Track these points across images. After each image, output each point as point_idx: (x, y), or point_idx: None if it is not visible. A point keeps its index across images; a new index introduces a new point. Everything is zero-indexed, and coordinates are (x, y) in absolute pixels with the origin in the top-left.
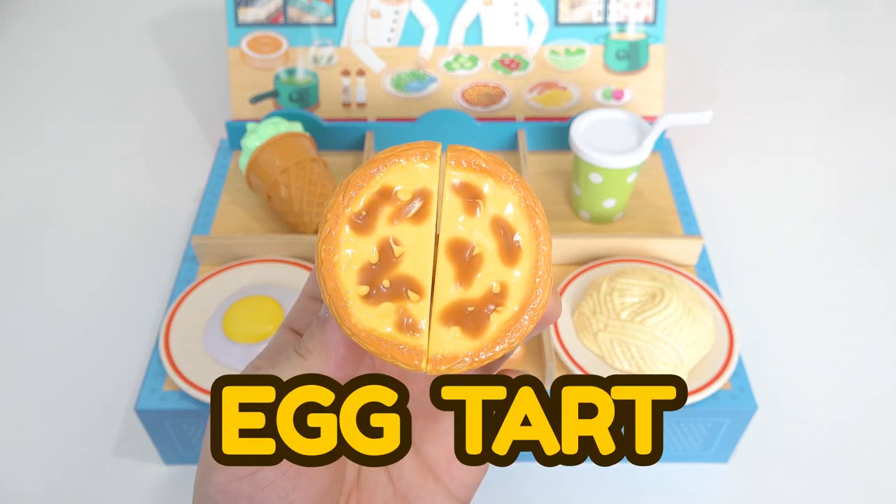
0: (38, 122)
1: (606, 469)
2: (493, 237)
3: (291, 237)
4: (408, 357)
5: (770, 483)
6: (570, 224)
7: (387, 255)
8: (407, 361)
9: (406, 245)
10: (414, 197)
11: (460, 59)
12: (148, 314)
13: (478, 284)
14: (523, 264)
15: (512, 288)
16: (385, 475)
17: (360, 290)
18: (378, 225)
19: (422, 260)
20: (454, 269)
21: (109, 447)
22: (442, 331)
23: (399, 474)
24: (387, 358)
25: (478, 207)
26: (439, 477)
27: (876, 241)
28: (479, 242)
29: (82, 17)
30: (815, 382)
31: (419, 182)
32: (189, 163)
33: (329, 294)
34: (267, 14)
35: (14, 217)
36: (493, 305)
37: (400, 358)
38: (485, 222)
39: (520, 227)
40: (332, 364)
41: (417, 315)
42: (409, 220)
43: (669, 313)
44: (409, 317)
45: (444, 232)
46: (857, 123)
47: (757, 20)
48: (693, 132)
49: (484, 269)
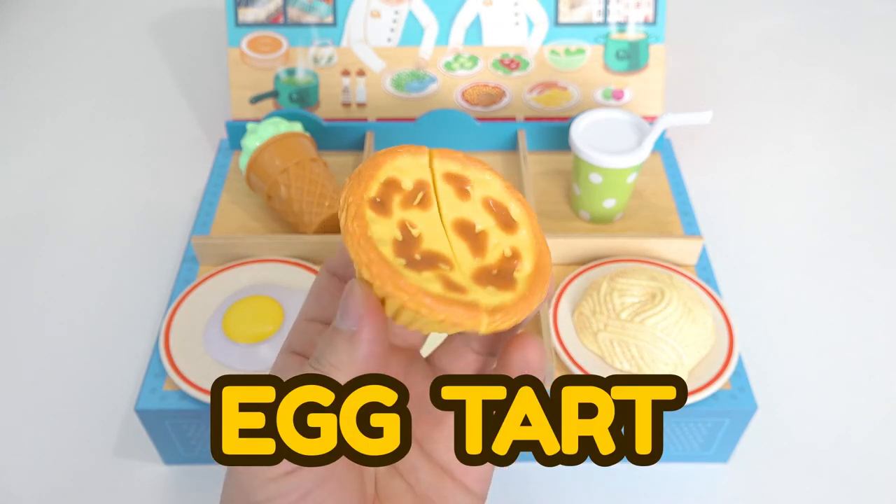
0: (38, 122)
1: (606, 469)
2: (488, 214)
3: (291, 237)
4: (469, 312)
5: (770, 483)
6: (570, 224)
7: (408, 234)
8: (468, 316)
9: (420, 227)
10: (416, 187)
11: (460, 59)
12: (148, 314)
13: (491, 253)
14: (522, 231)
15: (522, 250)
16: (402, 482)
17: (399, 261)
18: (394, 209)
19: (438, 239)
20: (467, 244)
21: (109, 447)
22: (479, 290)
23: (416, 478)
24: (441, 317)
25: (467, 192)
26: (454, 476)
27: (876, 240)
28: (479, 221)
29: (82, 17)
30: (815, 382)
31: (417, 174)
32: (189, 163)
33: (369, 265)
34: (267, 14)
35: (14, 217)
36: (512, 266)
37: (458, 316)
38: (477, 203)
39: (508, 202)
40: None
41: (458, 279)
42: (416, 207)
43: (669, 313)
44: (452, 282)
45: (446, 215)
46: (857, 123)
47: (757, 20)
48: (693, 132)
49: (491, 241)
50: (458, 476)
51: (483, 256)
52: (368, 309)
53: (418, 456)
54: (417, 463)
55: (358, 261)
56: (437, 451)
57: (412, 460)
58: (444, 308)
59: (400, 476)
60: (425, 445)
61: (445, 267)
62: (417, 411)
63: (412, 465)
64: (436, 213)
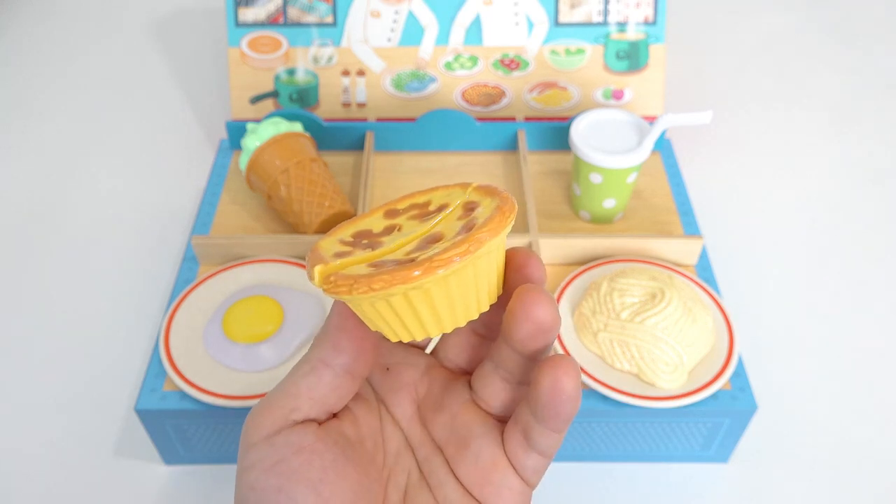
0: (38, 122)
1: (606, 469)
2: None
3: (291, 237)
4: (313, 261)
5: (770, 483)
6: (570, 224)
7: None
8: (311, 263)
9: (404, 231)
10: (385, 230)
11: (460, 59)
12: (148, 314)
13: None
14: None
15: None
16: (430, 497)
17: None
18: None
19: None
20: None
21: (109, 447)
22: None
23: (443, 495)
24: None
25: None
26: (479, 500)
27: (876, 240)
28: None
29: (82, 17)
30: (815, 382)
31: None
32: (189, 163)
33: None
34: (267, 14)
35: (14, 217)
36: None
37: (309, 261)
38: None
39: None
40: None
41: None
42: (418, 220)
43: (669, 313)
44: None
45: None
46: (857, 123)
47: (757, 20)
48: (693, 132)
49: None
50: (483, 501)
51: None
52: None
53: (447, 475)
54: (447, 481)
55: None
56: (461, 473)
57: (442, 477)
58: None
59: (429, 490)
60: (453, 466)
61: (444, 238)
62: (448, 433)
63: (441, 481)
64: (404, 235)
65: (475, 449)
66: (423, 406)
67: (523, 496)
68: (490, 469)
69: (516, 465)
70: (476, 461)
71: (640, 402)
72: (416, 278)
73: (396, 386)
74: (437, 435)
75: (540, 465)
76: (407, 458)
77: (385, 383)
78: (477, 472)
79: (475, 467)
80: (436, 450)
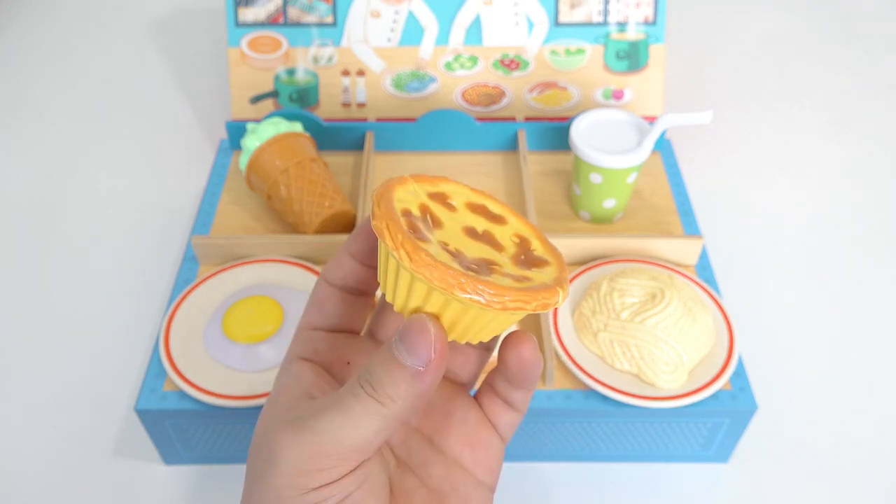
0: (38, 122)
1: (606, 469)
2: (477, 216)
3: (291, 237)
4: (548, 293)
5: (770, 483)
6: (570, 224)
7: (451, 252)
8: (551, 297)
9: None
10: (422, 212)
11: (460, 59)
12: (148, 314)
13: (507, 245)
14: (510, 220)
15: (523, 234)
16: (414, 478)
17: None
18: (426, 235)
19: (471, 248)
20: (486, 245)
21: (109, 447)
22: (535, 273)
23: (427, 474)
24: (532, 305)
25: (453, 204)
26: (465, 466)
27: (876, 240)
28: (475, 224)
29: (82, 17)
30: (815, 382)
31: (415, 201)
32: (189, 163)
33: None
34: (267, 14)
35: (14, 217)
36: (529, 248)
37: (545, 298)
38: (464, 210)
39: (484, 201)
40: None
41: (515, 272)
42: (434, 229)
43: (669, 313)
44: (513, 275)
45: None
46: (858, 123)
47: (757, 20)
48: (693, 132)
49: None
50: (468, 467)
51: (504, 250)
52: (439, 353)
53: (430, 451)
54: (429, 458)
55: (442, 283)
56: (447, 444)
57: (424, 455)
58: (532, 296)
59: (412, 472)
60: (436, 440)
61: (497, 267)
62: (427, 407)
63: (424, 460)
64: (448, 229)
65: (461, 414)
66: None
67: (502, 451)
68: (477, 429)
69: (495, 423)
70: (463, 425)
71: (640, 402)
72: (557, 301)
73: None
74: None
75: (515, 420)
76: (384, 449)
77: (346, 375)
78: (466, 435)
79: (463, 430)
80: (411, 431)
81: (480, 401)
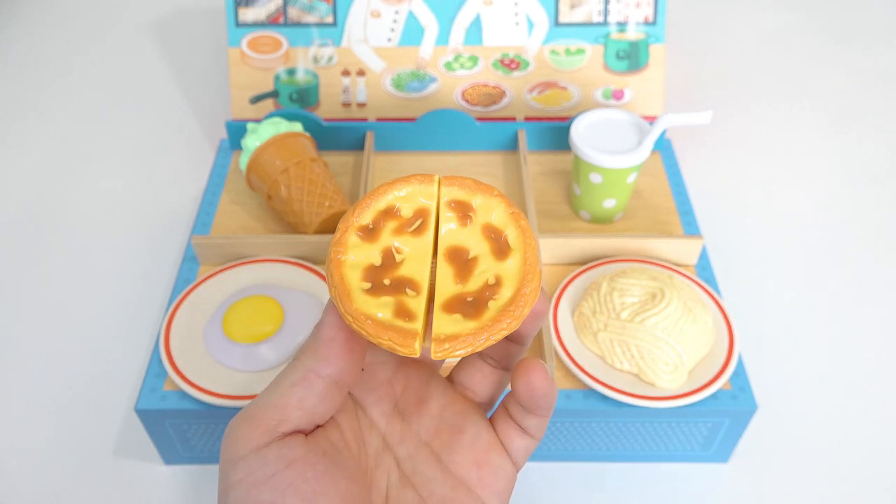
0: (38, 122)
1: (606, 469)
2: (485, 241)
3: (291, 237)
4: (402, 339)
5: (770, 483)
6: (570, 224)
7: (389, 259)
8: (401, 343)
9: (407, 253)
10: (415, 215)
11: (460, 59)
12: (148, 314)
13: (475, 280)
14: (514, 258)
15: (506, 278)
16: (415, 495)
17: (363, 284)
18: (383, 236)
19: (421, 265)
20: (453, 270)
21: (109, 447)
22: (444, 317)
23: (429, 492)
24: (383, 340)
25: (469, 219)
26: (471, 487)
27: (876, 240)
28: (473, 248)
29: (82, 17)
30: (815, 382)
31: (419, 203)
32: (189, 163)
33: (335, 286)
34: (267, 14)
35: (13, 217)
36: (490, 294)
37: (395, 340)
38: (477, 230)
39: (507, 228)
40: (325, 363)
41: (414, 307)
42: (410, 234)
43: (669, 313)
44: (407, 308)
45: (442, 241)
46: (858, 123)
47: (757, 20)
48: (693, 132)
49: (479, 267)
50: (474, 488)
51: (465, 283)
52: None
53: (436, 469)
54: (435, 476)
55: (328, 282)
56: (454, 461)
57: (429, 472)
58: (379, 333)
59: (413, 488)
60: (443, 457)
61: (412, 293)
62: (437, 423)
63: (429, 477)
64: (429, 239)
65: (473, 432)
66: (403, 401)
67: (513, 477)
68: (488, 450)
69: (508, 447)
70: (474, 444)
71: (640, 402)
72: (508, 327)
73: (372, 385)
74: (423, 427)
75: (529, 446)
76: (387, 459)
77: (360, 384)
78: (476, 454)
79: (474, 449)
80: (420, 445)
81: (495, 423)
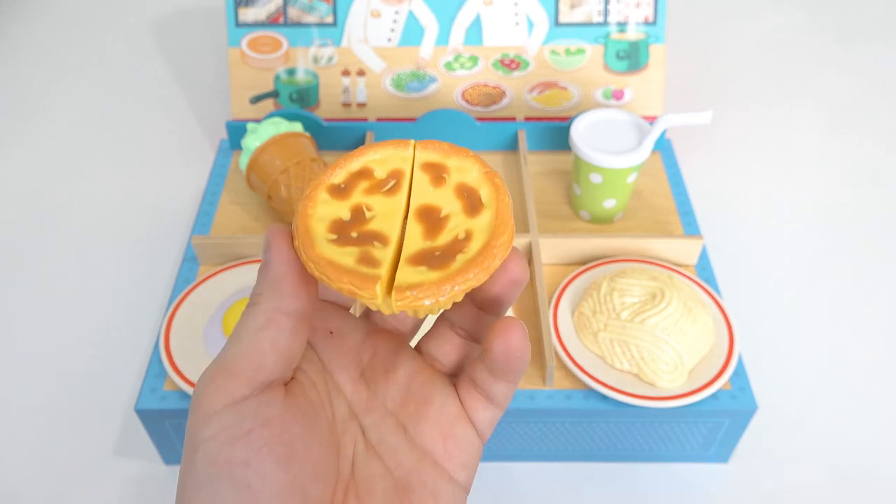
0: (38, 122)
1: (606, 469)
2: (457, 200)
3: None
4: (362, 282)
5: (770, 483)
6: (570, 224)
7: (359, 216)
8: (361, 286)
9: (377, 211)
10: (389, 177)
11: (460, 59)
12: (148, 314)
13: (445, 235)
14: (486, 213)
15: (476, 232)
16: (381, 465)
17: (329, 235)
18: (354, 195)
19: (391, 222)
20: (422, 227)
21: (109, 447)
22: (409, 269)
23: (396, 463)
24: (343, 284)
25: (443, 180)
26: (437, 460)
27: (876, 240)
28: (446, 207)
29: (82, 17)
30: (816, 382)
31: (394, 165)
32: (189, 163)
33: (299, 236)
34: (267, 14)
35: (13, 217)
36: (459, 248)
37: (355, 283)
38: (450, 190)
39: (481, 187)
40: (288, 299)
41: (380, 256)
42: (382, 194)
43: (669, 313)
44: (371, 256)
45: (413, 200)
46: (858, 123)
47: (758, 20)
48: (693, 132)
49: (450, 224)
50: (440, 461)
51: (434, 239)
52: (277, 236)
53: (402, 439)
54: (400, 446)
55: (294, 234)
56: (420, 433)
57: (395, 442)
58: (340, 276)
59: (379, 458)
60: (409, 427)
61: (378, 245)
62: (404, 394)
63: (394, 446)
64: (402, 199)
65: (439, 402)
66: (370, 369)
67: (479, 450)
68: (454, 421)
69: (473, 418)
70: (441, 415)
71: (640, 402)
72: (476, 278)
73: (341, 350)
74: (389, 397)
75: (494, 417)
76: (353, 427)
77: (329, 347)
78: (442, 425)
79: (440, 420)
80: (387, 414)
81: (458, 394)
